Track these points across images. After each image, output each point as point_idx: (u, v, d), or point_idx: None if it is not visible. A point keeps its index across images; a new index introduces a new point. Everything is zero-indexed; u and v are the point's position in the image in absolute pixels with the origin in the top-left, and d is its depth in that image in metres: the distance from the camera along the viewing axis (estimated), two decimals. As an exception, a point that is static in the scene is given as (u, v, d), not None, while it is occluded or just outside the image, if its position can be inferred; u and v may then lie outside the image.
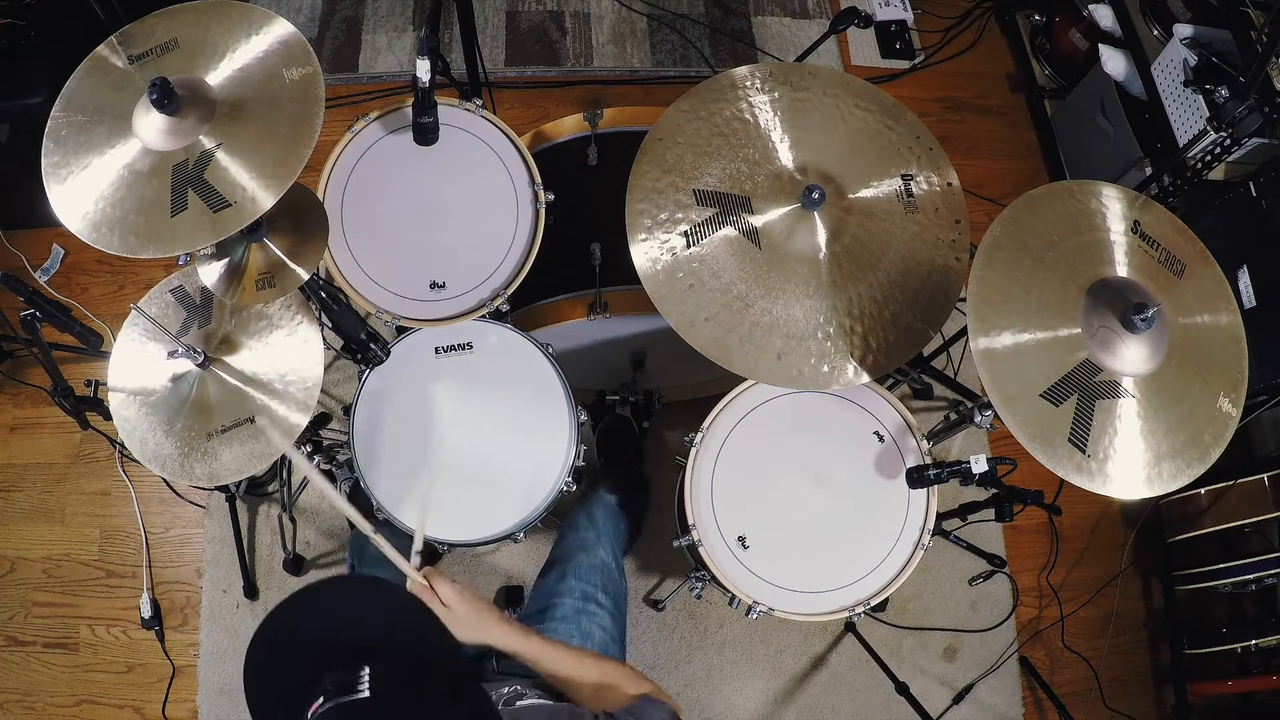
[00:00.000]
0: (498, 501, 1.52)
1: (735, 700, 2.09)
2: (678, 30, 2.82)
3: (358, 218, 1.53)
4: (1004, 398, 1.17)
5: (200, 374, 1.42)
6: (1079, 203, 1.30)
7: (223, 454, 1.38)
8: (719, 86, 1.50)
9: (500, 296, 1.53)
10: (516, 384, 1.57)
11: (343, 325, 1.43)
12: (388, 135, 1.54)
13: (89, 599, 2.12)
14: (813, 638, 2.15)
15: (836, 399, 1.53)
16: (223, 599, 2.10)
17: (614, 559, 1.58)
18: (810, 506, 1.49)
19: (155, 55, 1.23)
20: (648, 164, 1.44)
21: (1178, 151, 2.08)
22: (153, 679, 2.07)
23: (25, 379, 2.26)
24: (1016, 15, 2.84)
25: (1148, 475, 1.19)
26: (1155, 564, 2.32)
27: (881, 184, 1.47)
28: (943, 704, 2.13)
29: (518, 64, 2.72)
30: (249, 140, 1.16)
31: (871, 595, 1.46)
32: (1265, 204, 1.93)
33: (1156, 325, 1.18)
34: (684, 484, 1.49)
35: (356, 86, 2.64)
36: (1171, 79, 2.13)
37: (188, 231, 1.13)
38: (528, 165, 1.55)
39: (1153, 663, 2.29)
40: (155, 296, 1.51)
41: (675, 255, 1.39)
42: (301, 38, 1.20)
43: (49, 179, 1.17)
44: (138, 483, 2.20)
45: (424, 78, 1.29)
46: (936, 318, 1.42)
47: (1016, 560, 2.28)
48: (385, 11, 2.76)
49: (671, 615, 2.13)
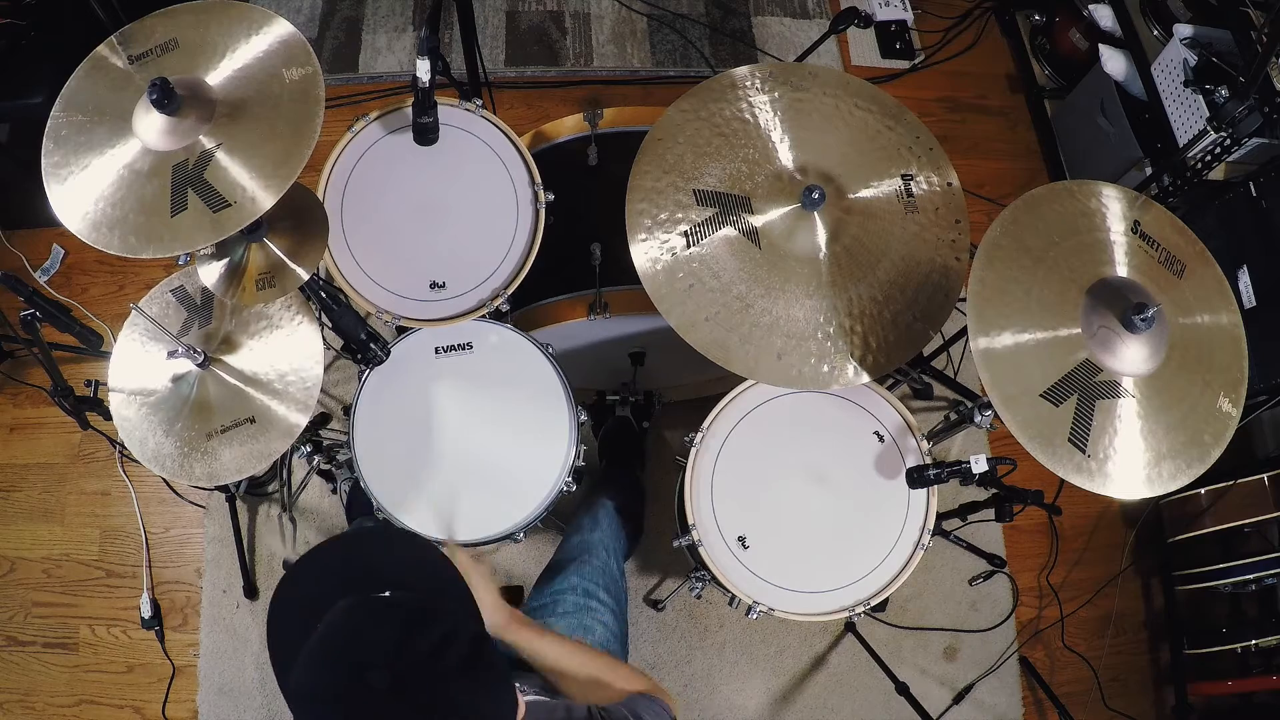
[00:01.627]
0: (498, 501, 1.52)
1: (735, 700, 2.09)
2: (678, 30, 2.82)
3: (358, 218, 1.52)
4: (1004, 398, 1.17)
5: (200, 374, 1.42)
6: (1079, 203, 1.30)
7: (222, 454, 1.38)
8: (719, 86, 1.50)
9: (500, 296, 1.52)
10: (516, 384, 1.57)
11: (343, 325, 1.43)
12: (388, 135, 1.54)
13: (89, 599, 2.12)
14: (813, 638, 2.15)
15: (836, 399, 1.53)
16: (223, 599, 2.10)
17: (616, 563, 1.58)
18: (810, 506, 1.49)
19: (155, 55, 1.23)
20: (648, 164, 1.44)
21: (1178, 151, 2.08)
22: (153, 679, 2.07)
23: (25, 379, 2.26)
24: (1016, 15, 2.84)
25: (1148, 475, 1.19)
26: (1155, 564, 2.32)
27: (881, 184, 1.47)
28: (943, 704, 2.13)
29: (518, 64, 2.72)
30: (249, 140, 1.16)
31: (871, 595, 1.46)
32: (1265, 204, 1.93)
33: (1156, 325, 1.18)
34: (684, 484, 1.49)
35: (356, 86, 2.64)
36: (1171, 79, 2.13)
37: (188, 231, 1.13)
38: (528, 165, 1.55)
39: (1153, 663, 2.29)
40: (155, 296, 1.51)
41: (675, 255, 1.39)
42: (301, 38, 1.20)
43: (49, 179, 1.17)
44: (138, 483, 2.20)
45: (424, 78, 1.29)
46: (936, 318, 1.42)
47: (1016, 560, 2.28)
48: (385, 11, 2.76)
49: (671, 615, 2.13)
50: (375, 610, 0.79)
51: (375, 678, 0.73)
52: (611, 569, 1.54)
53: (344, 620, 0.78)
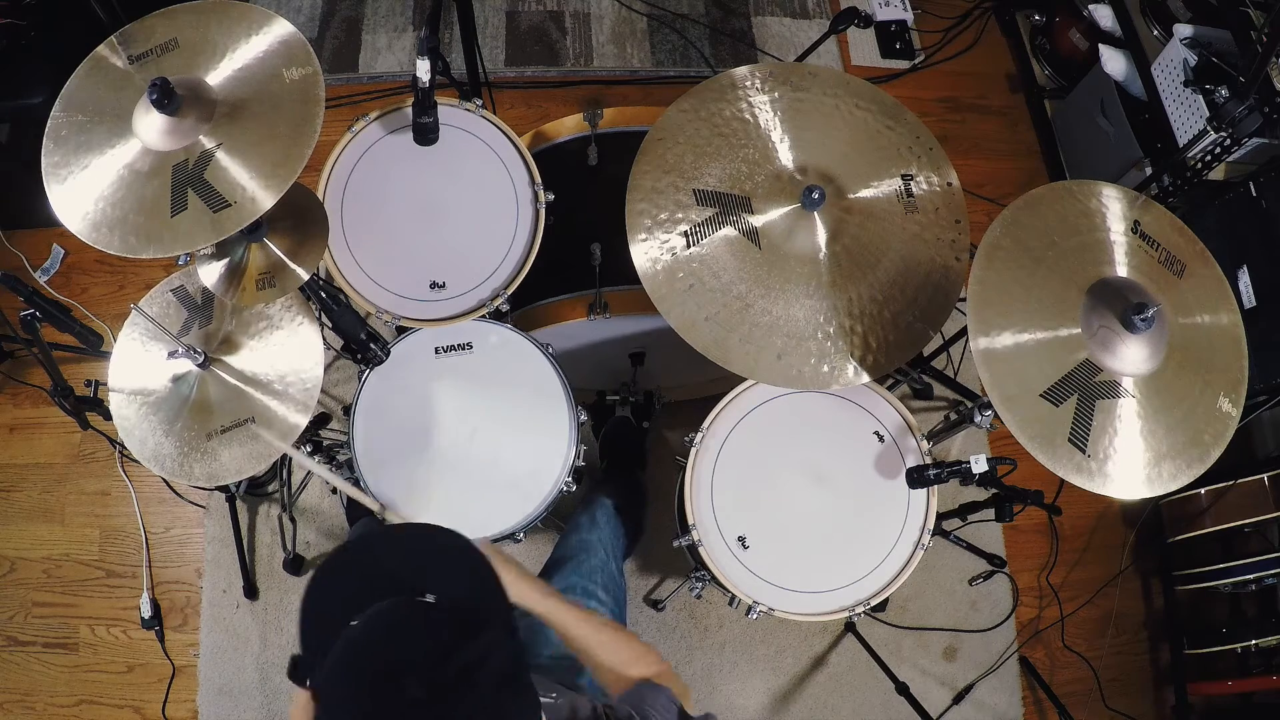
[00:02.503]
0: (498, 501, 1.52)
1: (735, 700, 2.09)
2: (678, 30, 2.82)
3: (358, 218, 1.52)
4: (1004, 398, 1.17)
5: (200, 374, 1.42)
6: (1079, 203, 1.30)
7: (222, 454, 1.38)
8: (719, 86, 1.50)
9: (500, 296, 1.53)
10: (517, 384, 1.57)
11: (343, 325, 1.43)
12: (388, 135, 1.54)
13: (89, 599, 2.12)
14: (813, 638, 2.15)
15: (836, 399, 1.53)
16: (223, 599, 2.10)
17: (614, 562, 1.58)
18: (810, 506, 1.49)
19: (155, 55, 1.23)
20: (648, 164, 1.44)
21: (1178, 151, 2.08)
22: (153, 679, 2.07)
23: (25, 379, 2.26)
24: (1016, 15, 2.84)
25: (1148, 475, 1.19)
26: (1155, 564, 2.32)
27: (881, 184, 1.47)
28: (943, 704, 2.13)
29: (518, 64, 2.72)
30: (249, 140, 1.16)
31: (871, 595, 1.46)
32: (1265, 204, 1.93)
33: (1156, 325, 1.18)
34: (684, 484, 1.49)
35: (356, 86, 2.64)
36: (1171, 79, 2.13)
37: (188, 231, 1.13)
38: (528, 165, 1.55)
39: (1153, 663, 2.29)
40: (155, 296, 1.51)
41: (675, 255, 1.39)
42: (301, 38, 1.20)
43: (49, 179, 1.18)
44: (138, 483, 2.20)
45: (424, 78, 1.29)
46: (936, 318, 1.42)
47: (1016, 560, 2.28)
48: (385, 11, 2.76)
49: (671, 615, 2.13)
50: (419, 615, 0.78)
51: (411, 685, 0.72)
52: (609, 568, 1.54)
53: (386, 621, 0.77)
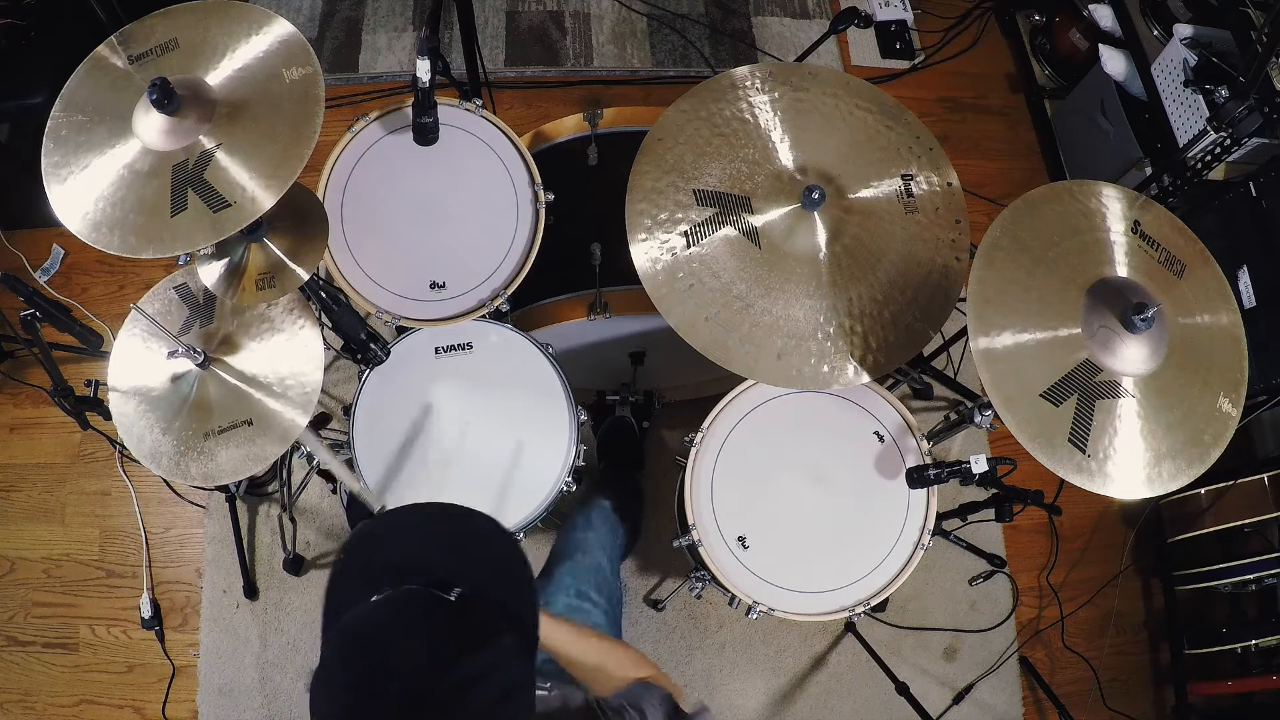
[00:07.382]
0: (498, 501, 1.52)
1: (735, 700, 2.09)
2: (678, 30, 2.82)
3: (358, 218, 1.52)
4: (1004, 398, 1.17)
5: (200, 374, 1.42)
6: (1079, 203, 1.30)
7: (219, 455, 1.38)
8: (719, 86, 1.50)
9: (500, 296, 1.53)
10: (516, 384, 1.57)
11: (343, 325, 1.43)
12: (388, 135, 1.54)
13: (89, 599, 2.12)
14: (813, 638, 2.15)
15: (836, 399, 1.53)
16: (223, 599, 2.10)
17: (609, 563, 1.57)
18: (810, 506, 1.49)
19: (155, 55, 1.23)
20: (648, 164, 1.44)
21: (1178, 151, 2.08)
22: (153, 679, 2.07)
23: (25, 379, 2.25)
24: (1016, 15, 2.84)
25: (1148, 475, 1.19)
26: (1155, 564, 2.32)
27: (881, 184, 1.47)
28: (943, 704, 2.13)
29: (518, 64, 2.72)
30: (249, 140, 1.16)
31: (871, 595, 1.46)
32: (1265, 204, 1.93)
33: (1156, 325, 1.18)
34: (684, 484, 1.49)
35: (356, 86, 2.64)
36: (1171, 79, 2.13)
37: (188, 231, 1.13)
38: (528, 165, 1.55)
39: (1153, 663, 2.29)
40: (155, 296, 1.50)
41: (675, 255, 1.39)
42: (301, 38, 1.20)
43: (49, 179, 1.17)
44: (138, 483, 2.20)
45: (424, 78, 1.29)
46: (936, 318, 1.42)
47: (1016, 560, 2.28)
48: (385, 11, 2.76)
49: (671, 615, 2.13)
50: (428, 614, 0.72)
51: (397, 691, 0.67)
52: (604, 568, 1.54)
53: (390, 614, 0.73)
